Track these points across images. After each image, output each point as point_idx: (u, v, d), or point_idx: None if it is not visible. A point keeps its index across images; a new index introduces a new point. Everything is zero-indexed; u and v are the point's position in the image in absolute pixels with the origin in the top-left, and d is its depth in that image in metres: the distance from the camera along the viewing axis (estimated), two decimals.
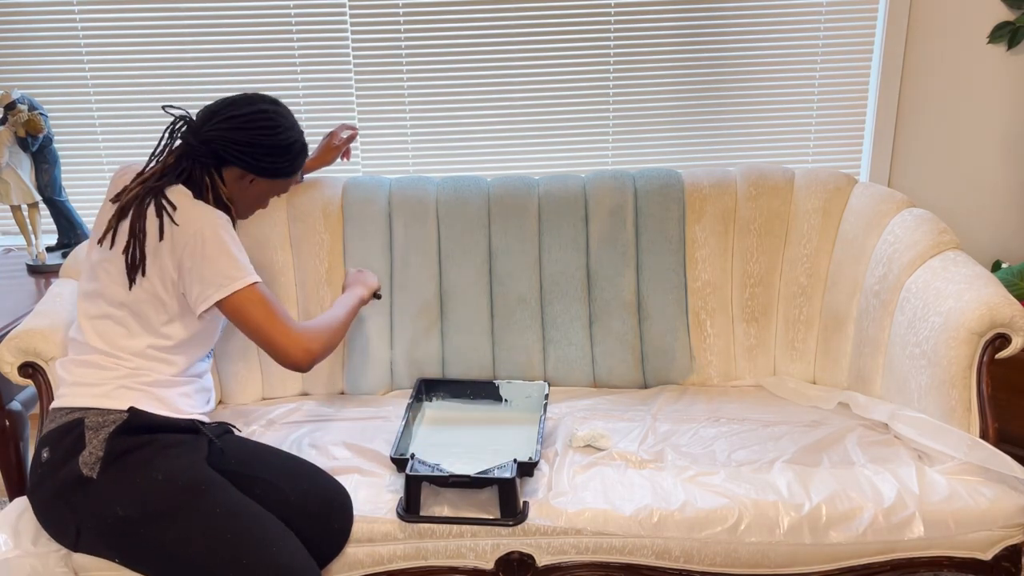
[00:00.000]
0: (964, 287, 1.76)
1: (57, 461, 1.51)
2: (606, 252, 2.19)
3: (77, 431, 1.51)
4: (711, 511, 1.64)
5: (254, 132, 1.60)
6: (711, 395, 2.13)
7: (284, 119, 1.64)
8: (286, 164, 1.66)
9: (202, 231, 1.53)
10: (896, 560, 1.67)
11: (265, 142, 1.61)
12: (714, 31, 2.55)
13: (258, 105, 1.62)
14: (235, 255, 1.54)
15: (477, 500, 1.68)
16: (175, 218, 1.53)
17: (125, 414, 1.54)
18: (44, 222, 2.50)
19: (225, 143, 1.59)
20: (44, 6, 2.46)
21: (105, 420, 1.52)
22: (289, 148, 1.64)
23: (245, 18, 2.49)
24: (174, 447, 1.56)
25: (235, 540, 1.46)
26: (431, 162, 2.65)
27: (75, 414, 1.53)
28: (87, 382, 1.56)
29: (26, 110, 2.28)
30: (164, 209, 1.54)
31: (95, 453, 1.50)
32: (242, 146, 1.60)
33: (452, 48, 2.54)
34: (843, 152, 2.69)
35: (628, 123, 2.63)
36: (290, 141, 1.64)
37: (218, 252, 1.52)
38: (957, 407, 1.72)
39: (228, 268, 1.53)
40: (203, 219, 1.54)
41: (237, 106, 1.62)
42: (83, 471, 1.48)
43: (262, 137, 1.60)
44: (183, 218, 1.54)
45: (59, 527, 1.53)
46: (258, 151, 1.61)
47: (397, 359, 2.19)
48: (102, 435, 1.51)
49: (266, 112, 1.62)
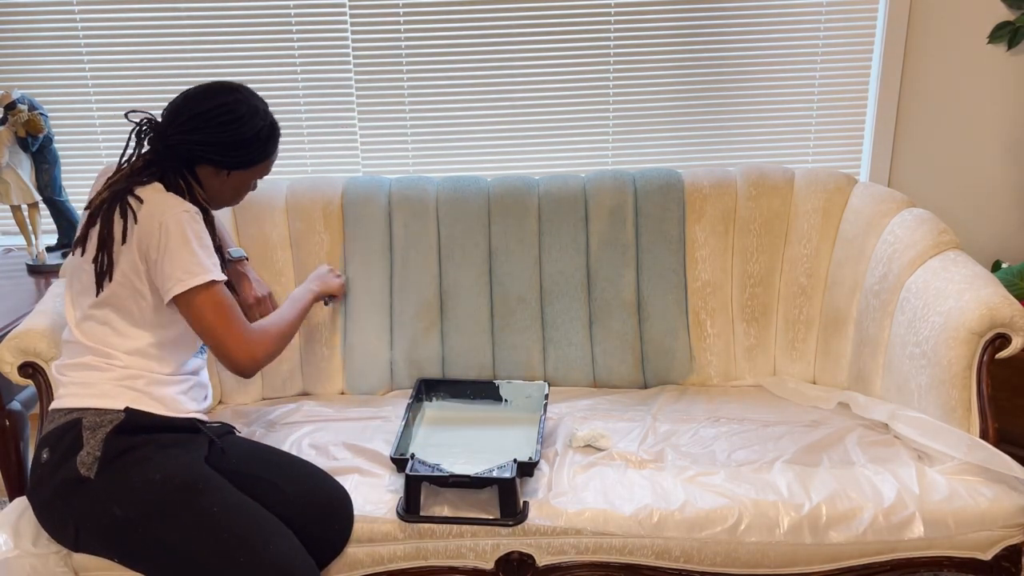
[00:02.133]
0: (964, 287, 1.76)
1: (56, 461, 1.51)
2: (606, 252, 2.19)
3: (75, 431, 1.52)
4: (711, 511, 1.64)
5: (217, 130, 1.57)
6: (711, 395, 2.13)
7: (246, 107, 1.60)
8: (257, 153, 1.63)
9: (166, 224, 1.51)
10: (896, 560, 1.66)
11: (230, 138, 1.58)
12: (714, 31, 2.55)
13: (217, 99, 1.59)
14: (195, 251, 1.52)
15: (477, 500, 1.68)
16: (139, 213, 1.52)
17: (122, 414, 1.54)
18: (44, 222, 2.50)
19: (190, 146, 1.57)
20: (44, 6, 2.46)
21: (102, 420, 1.52)
22: (256, 138, 1.61)
23: (245, 18, 2.49)
24: (172, 446, 1.56)
25: (233, 539, 1.46)
26: (431, 162, 2.65)
27: (73, 414, 1.53)
28: (83, 382, 1.56)
29: (26, 110, 2.28)
30: (128, 207, 1.52)
31: (92, 453, 1.50)
32: (208, 146, 1.58)
33: (452, 48, 2.54)
34: (843, 152, 2.69)
35: (628, 123, 2.63)
36: (255, 131, 1.61)
37: (179, 246, 1.51)
38: (957, 407, 1.72)
39: (187, 263, 1.51)
40: (168, 211, 1.52)
41: (197, 102, 1.58)
42: (81, 471, 1.48)
43: (226, 134, 1.58)
44: (147, 211, 1.52)
45: (59, 527, 1.54)
46: (226, 147, 1.59)
47: (397, 359, 2.18)
48: (99, 435, 1.51)
49: (226, 105, 1.58)
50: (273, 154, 1.69)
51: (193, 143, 1.57)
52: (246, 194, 1.74)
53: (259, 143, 1.63)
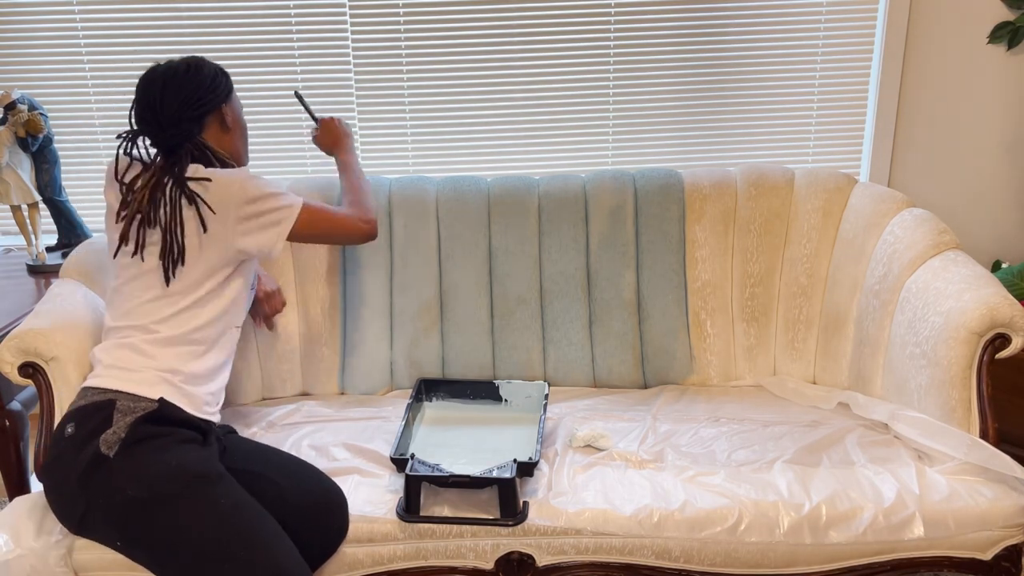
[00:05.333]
0: (964, 287, 1.76)
1: (82, 437, 1.53)
2: (606, 252, 2.19)
3: (107, 411, 1.54)
4: (711, 511, 1.64)
5: (189, 80, 1.66)
6: (711, 395, 2.13)
7: (178, 61, 1.70)
8: (223, 80, 1.73)
9: (244, 184, 1.61)
10: (896, 560, 1.66)
11: (200, 77, 1.68)
12: (714, 31, 2.55)
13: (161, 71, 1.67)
14: (279, 192, 1.65)
15: (477, 500, 1.68)
16: (212, 191, 1.60)
17: (155, 404, 1.57)
18: (44, 222, 2.50)
19: (185, 106, 1.65)
20: (44, 6, 2.46)
21: (136, 406, 1.55)
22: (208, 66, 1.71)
23: (245, 18, 2.49)
24: (191, 442, 1.59)
25: (234, 534, 1.48)
26: (431, 162, 2.65)
27: (108, 395, 1.56)
28: (124, 366, 1.59)
29: (26, 110, 2.28)
30: (195, 196, 1.59)
31: (118, 434, 1.52)
32: (195, 96, 1.66)
33: (452, 48, 2.54)
34: (843, 152, 2.69)
35: (628, 123, 2.63)
36: (202, 63, 1.71)
37: (267, 194, 1.63)
38: (957, 407, 1.72)
39: (280, 204, 1.64)
40: (236, 175, 1.62)
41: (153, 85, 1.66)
42: (102, 448, 1.51)
43: (195, 78, 1.67)
44: (221, 185, 1.61)
45: (67, 504, 1.55)
46: (205, 86, 1.68)
47: (397, 359, 2.19)
48: (129, 419, 1.54)
49: (171, 67, 1.67)
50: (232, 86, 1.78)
51: (183, 102, 1.65)
52: (247, 140, 1.83)
53: (218, 72, 1.73)
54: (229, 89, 1.74)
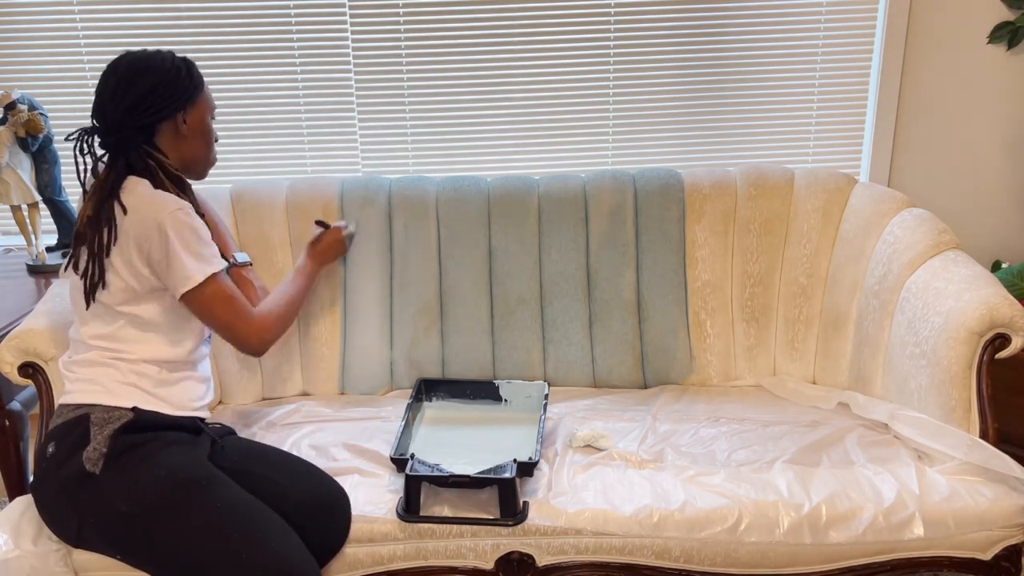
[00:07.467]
0: (964, 287, 1.76)
1: (62, 456, 1.52)
2: (606, 252, 2.19)
3: (83, 426, 1.53)
4: (711, 511, 1.64)
5: (139, 85, 1.57)
6: (711, 395, 2.13)
7: (143, 57, 1.60)
8: (187, 81, 1.62)
9: (163, 226, 1.53)
10: (896, 560, 1.66)
11: (158, 81, 1.58)
12: (714, 31, 2.55)
13: (120, 68, 1.58)
14: (195, 249, 1.55)
15: (477, 500, 1.68)
16: (131, 218, 1.53)
17: (130, 413, 1.55)
18: (44, 222, 2.50)
19: (131, 113, 1.57)
20: (44, 6, 2.46)
21: (110, 417, 1.54)
22: (175, 68, 1.61)
23: (245, 18, 2.49)
24: (176, 444, 1.57)
25: (235, 535, 1.47)
26: (431, 162, 2.65)
27: (82, 410, 1.55)
28: (91, 379, 1.58)
29: (26, 110, 2.28)
30: (112, 218, 1.54)
31: (99, 449, 1.50)
32: (148, 106, 1.57)
33: (452, 48, 2.54)
34: (843, 152, 2.69)
35: (628, 123, 2.63)
36: (170, 62, 1.61)
37: (179, 246, 1.53)
38: (957, 407, 1.72)
39: (190, 262, 1.54)
40: (162, 211, 1.53)
41: (108, 82, 1.58)
42: (87, 467, 1.49)
43: (148, 81, 1.57)
44: (140, 216, 1.53)
45: (61, 522, 1.54)
46: (158, 93, 1.58)
47: (397, 359, 2.19)
48: (107, 431, 1.52)
49: (131, 63, 1.58)
50: (204, 84, 1.68)
51: (130, 108, 1.57)
52: (212, 147, 1.72)
53: (183, 72, 1.62)
54: (191, 92, 1.63)
